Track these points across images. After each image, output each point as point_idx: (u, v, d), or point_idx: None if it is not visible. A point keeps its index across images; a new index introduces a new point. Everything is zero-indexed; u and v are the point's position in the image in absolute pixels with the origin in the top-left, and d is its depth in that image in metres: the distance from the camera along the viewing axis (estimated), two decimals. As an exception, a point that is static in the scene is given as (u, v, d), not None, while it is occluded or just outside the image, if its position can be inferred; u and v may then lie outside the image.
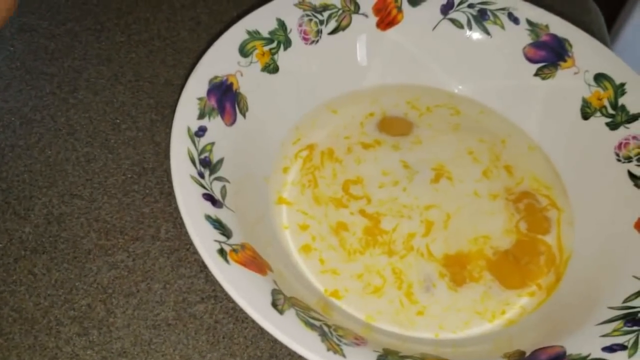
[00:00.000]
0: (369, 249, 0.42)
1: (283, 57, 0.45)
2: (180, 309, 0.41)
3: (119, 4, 0.59)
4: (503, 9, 0.48)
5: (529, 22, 0.47)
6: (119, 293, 0.42)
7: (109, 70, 0.54)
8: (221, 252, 0.33)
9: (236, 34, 0.43)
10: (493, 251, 0.42)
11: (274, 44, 0.45)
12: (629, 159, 0.42)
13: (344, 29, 0.47)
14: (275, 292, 0.33)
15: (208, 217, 0.35)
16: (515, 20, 0.47)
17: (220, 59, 0.42)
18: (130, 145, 0.49)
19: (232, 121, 0.41)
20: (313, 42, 0.47)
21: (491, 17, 0.48)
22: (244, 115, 0.42)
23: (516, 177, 0.45)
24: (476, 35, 0.48)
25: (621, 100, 0.44)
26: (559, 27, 0.47)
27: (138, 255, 0.44)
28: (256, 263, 0.34)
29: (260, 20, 0.45)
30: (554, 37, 0.47)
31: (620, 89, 0.44)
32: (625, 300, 0.36)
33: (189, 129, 0.38)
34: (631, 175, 0.42)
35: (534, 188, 0.45)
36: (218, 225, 0.35)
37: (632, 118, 0.43)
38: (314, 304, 0.37)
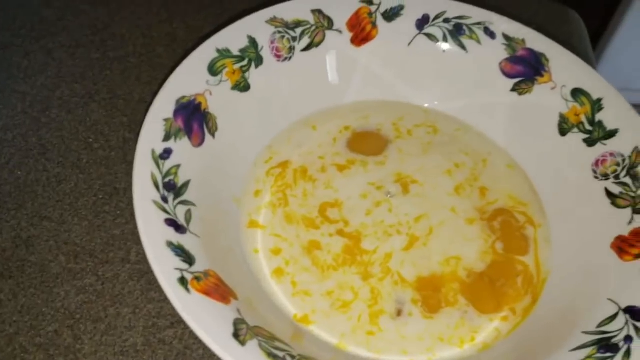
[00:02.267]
0: (345, 267, 0.41)
1: (254, 75, 0.44)
2: (150, 334, 0.41)
3: (94, 20, 0.58)
4: (479, 24, 0.47)
5: (506, 37, 0.46)
6: (87, 318, 0.41)
7: (83, 88, 0.53)
8: (182, 280, 0.32)
9: (205, 52, 0.43)
10: (467, 273, 0.41)
11: (245, 62, 0.44)
12: (606, 177, 0.41)
13: (317, 45, 0.47)
14: (238, 322, 0.32)
15: (170, 244, 0.34)
16: (491, 34, 0.47)
17: (188, 78, 0.41)
18: (103, 165, 0.48)
19: (200, 142, 0.40)
20: (286, 59, 0.46)
21: (467, 32, 0.47)
22: (213, 136, 0.41)
23: (489, 199, 0.44)
24: (452, 50, 0.47)
25: (598, 116, 0.43)
26: (536, 41, 0.46)
27: (107, 278, 0.43)
28: (220, 291, 0.33)
29: (230, 38, 0.44)
30: (531, 51, 0.46)
31: (597, 105, 0.43)
32: (600, 325, 0.35)
33: (153, 152, 0.37)
34: (608, 194, 0.41)
35: (510, 206, 0.44)
36: (180, 252, 0.34)
37: (609, 134, 0.42)
38: (284, 331, 0.36)
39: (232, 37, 0.44)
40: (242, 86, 0.44)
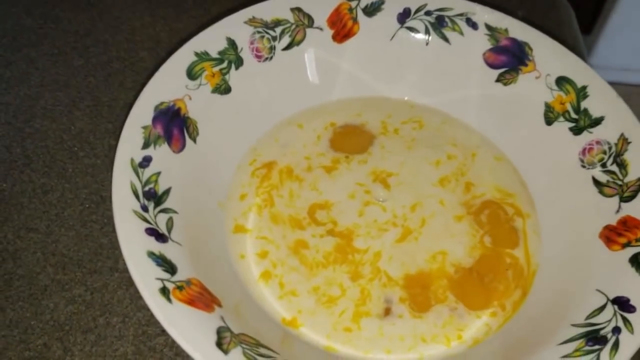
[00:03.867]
0: (335, 265, 0.40)
1: (235, 77, 0.44)
2: (140, 342, 0.40)
3: (76, 27, 0.58)
4: (461, 15, 0.46)
5: (488, 27, 0.46)
6: (77, 329, 0.41)
7: (67, 96, 0.53)
8: (163, 290, 0.32)
9: (183, 56, 0.42)
10: (455, 269, 0.41)
11: (225, 64, 0.44)
12: (593, 165, 0.41)
13: (298, 43, 0.46)
14: (222, 330, 0.32)
15: (151, 254, 0.34)
16: (473, 25, 0.46)
17: (167, 84, 0.41)
18: (88, 174, 0.48)
19: (181, 147, 0.40)
20: (266, 59, 0.45)
21: (449, 24, 0.46)
22: (195, 140, 0.41)
23: (474, 193, 0.44)
24: (435, 42, 0.47)
25: (584, 104, 0.43)
26: (518, 30, 0.45)
27: (96, 288, 0.43)
28: (203, 299, 0.33)
29: (208, 41, 0.43)
30: (514, 41, 0.45)
31: (582, 92, 0.43)
32: (588, 317, 0.35)
33: (132, 161, 0.37)
34: (596, 182, 0.40)
35: (498, 198, 0.44)
36: (161, 261, 0.34)
37: (595, 122, 0.42)
38: (273, 336, 0.36)
39: (210, 39, 0.44)
40: (223, 89, 0.43)
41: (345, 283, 0.40)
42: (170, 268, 0.34)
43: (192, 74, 0.42)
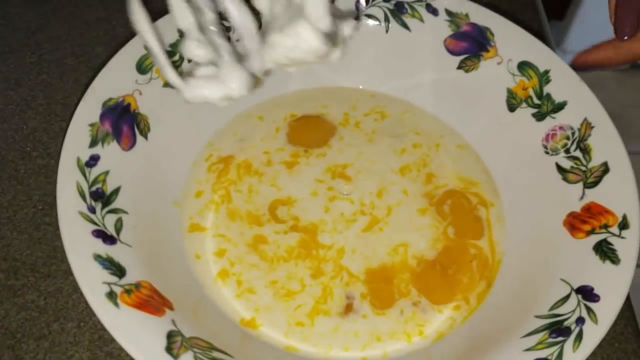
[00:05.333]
0: (298, 260, 0.39)
1: (188, 70, 0.42)
2: (96, 347, 0.39)
3: (28, 22, 0.56)
4: (420, 1, 0.45)
5: (448, 12, 0.45)
6: (29, 336, 0.39)
7: (18, 95, 0.51)
8: (110, 295, 0.31)
9: (132, 50, 0.41)
10: (417, 261, 0.40)
11: (177, 57, 0.42)
12: (556, 151, 0.40)
13: (256, 32, 0.44)
14: (173, 334, 0.31)
15: (97, 257, 0.32)
16: (433, 11, 0.45)
17: (115, 79, 0.39)
18: (42, 175, 0.46)
19: (131, 145, 0.38)
20: (221, 50, 0.44)
21: (409, 10, 0.45)
22: (146, 137, 0.40)
23: (436, 184, 0.43)
24: (395, 30, 0.46)
25: (546, 89, 0.42)
26: (479, 15, 0.44)
27: (50, 293, 0.41)
28: (153, 303, 0.32)
29: (159, 33, 0.42)
30: (475, 26, 0.44)
31: (544, 77, 0.42)
32: (552, 307, 0.34)
33: (78, 160, 0.35)
34: (559, 168, 0.40)
35: (460, 187, 0.43)
36: (109, 264, 0.32)
37: (558, 107, 0.41)
38: (231, 337, 0.35)
39: (162, 31, 0.42)
40: (175, 82, 0.42)
41: (306, 280, 0.39)
42: (119, 271, 0.32)
43: (142, 68, 0.40)
